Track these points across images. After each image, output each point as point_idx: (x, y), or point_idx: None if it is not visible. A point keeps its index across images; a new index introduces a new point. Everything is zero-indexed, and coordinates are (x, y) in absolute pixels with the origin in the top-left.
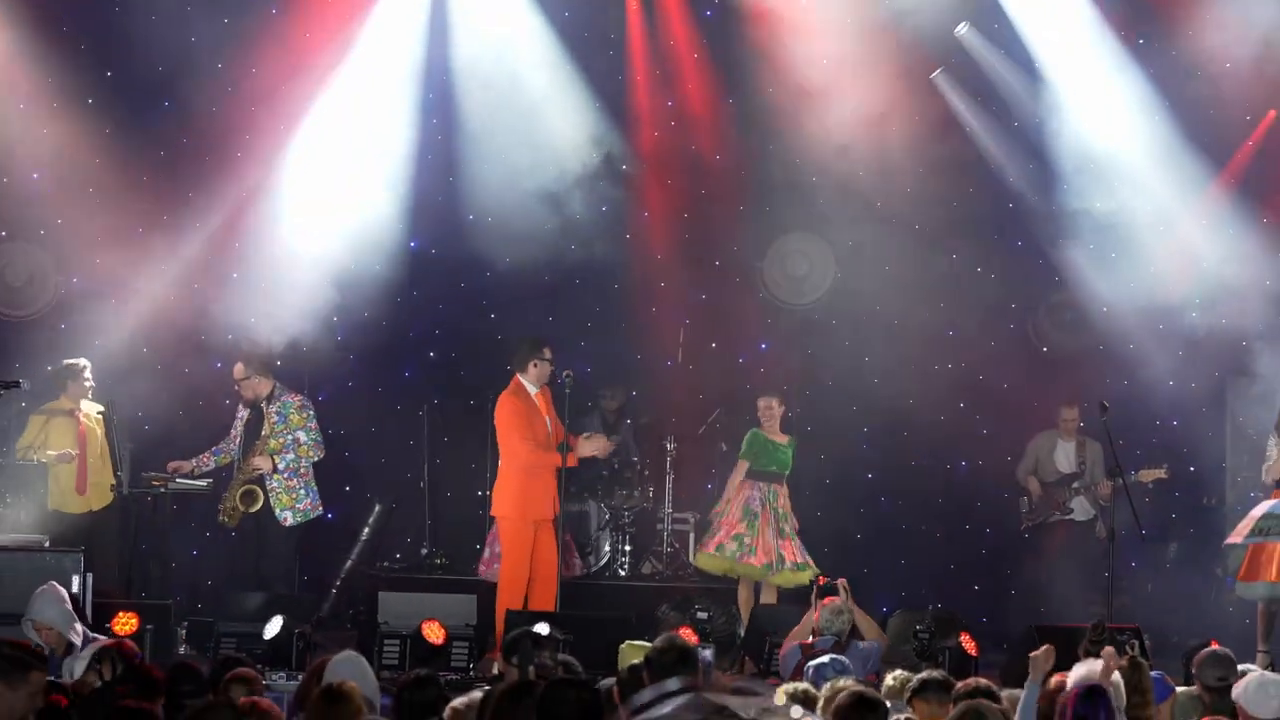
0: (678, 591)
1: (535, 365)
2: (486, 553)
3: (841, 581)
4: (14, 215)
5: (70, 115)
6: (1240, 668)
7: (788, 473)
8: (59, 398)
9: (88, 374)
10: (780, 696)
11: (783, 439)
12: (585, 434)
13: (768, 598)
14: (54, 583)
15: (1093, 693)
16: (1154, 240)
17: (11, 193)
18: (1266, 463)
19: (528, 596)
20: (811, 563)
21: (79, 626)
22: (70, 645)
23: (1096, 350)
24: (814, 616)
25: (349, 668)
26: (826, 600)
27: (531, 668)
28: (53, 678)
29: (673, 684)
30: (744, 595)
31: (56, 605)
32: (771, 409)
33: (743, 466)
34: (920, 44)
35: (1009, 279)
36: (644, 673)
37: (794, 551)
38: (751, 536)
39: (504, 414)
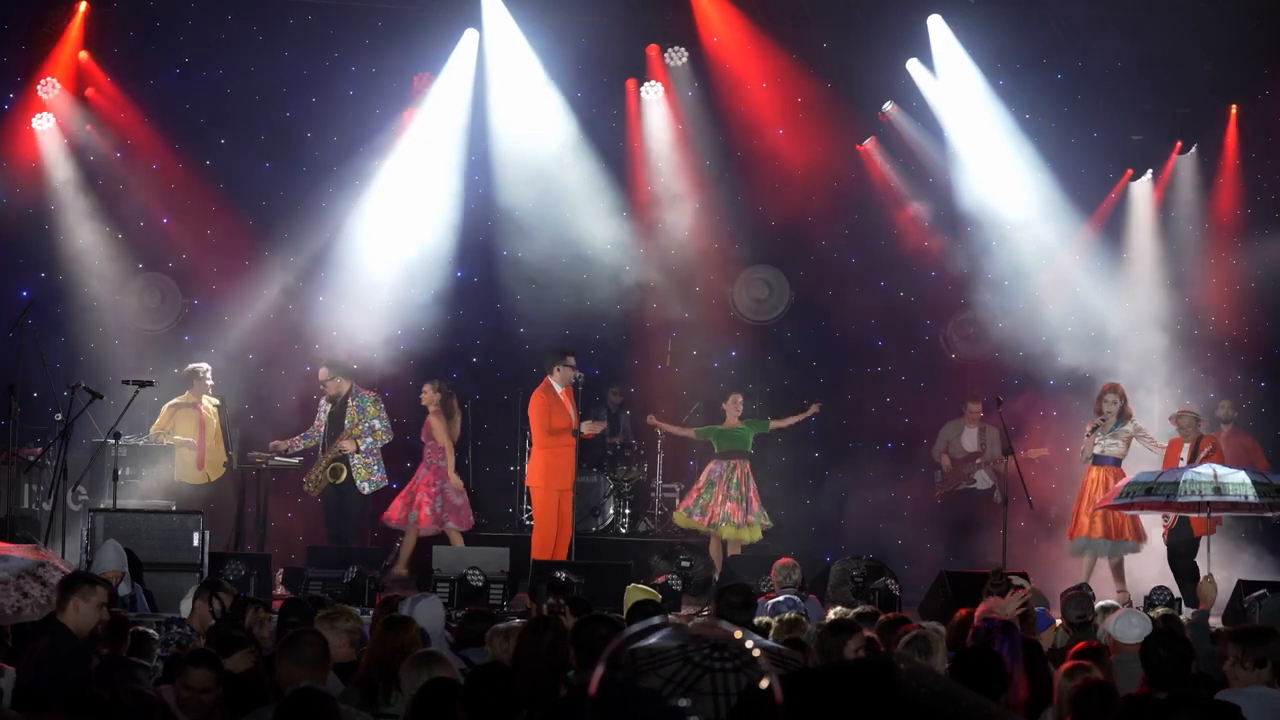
0: (666, 545)
1: (559, 369)
2: (400, 505)
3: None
4: (149, 251)
5: (192, 174)
6: (1105, 603)
7: (748, 448)
8: (184, 393)
9: (209, 377)
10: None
11: (738, 425)
12: (586, 420)
13: (732, 550)
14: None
15: (1008, 627)
16: (1038, 270)
17: (147, 234)
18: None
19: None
20: (754, 523)
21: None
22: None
23: (993, 356)
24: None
25: (429, 607)
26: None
27: (546, 605)
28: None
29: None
30: (714, 547)
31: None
32: (738, 403)
33: (690, 432)
34: (855, 118)
35: (925, 301)
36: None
37: (740, 514)
38: (706, 501)
39: (531, 408)
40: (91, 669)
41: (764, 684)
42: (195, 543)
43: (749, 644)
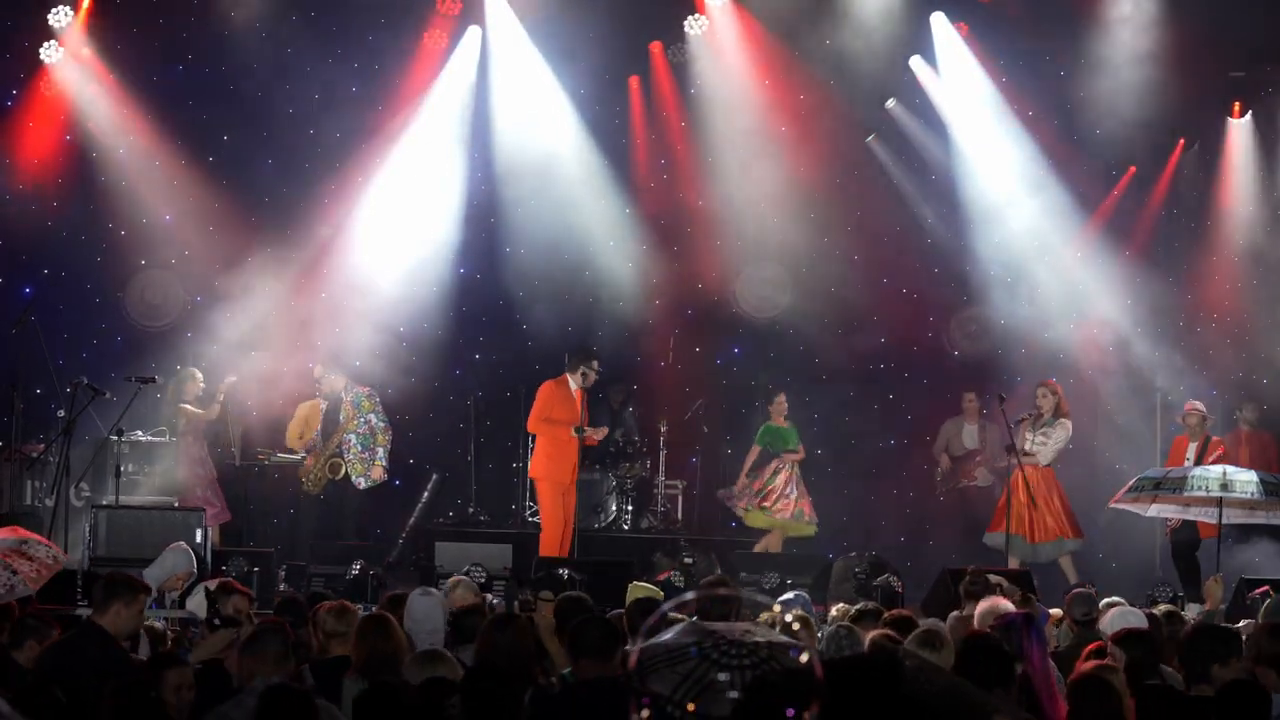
0: (669, 542)
1: (582, 371)
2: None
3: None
4: (152, 248)
5: (195, 170)
6: (1105, 601)
7: (791, 448)
8: (313, 398)
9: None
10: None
11: (785, 424)
12: (591, 427)
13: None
14: (183, 542)
15: (1029, 619)
16: (1040, 267)
17: (150, 230)
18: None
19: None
20: (802, 520)
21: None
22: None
23: (995, 354)
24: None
25: (426, 602)
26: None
27: (516, 602)
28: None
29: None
30: (773, 540)
31: (188, 561)
32: (782, 403)
33: (755, 449)
34: (858, 115)
35: (928, 298)
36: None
37: (791, 509)
38: (759, 497)
39: (538, 394)
40: (129, 672)
41: (804, 658)
42: (197, 539)
43: (760, 636)
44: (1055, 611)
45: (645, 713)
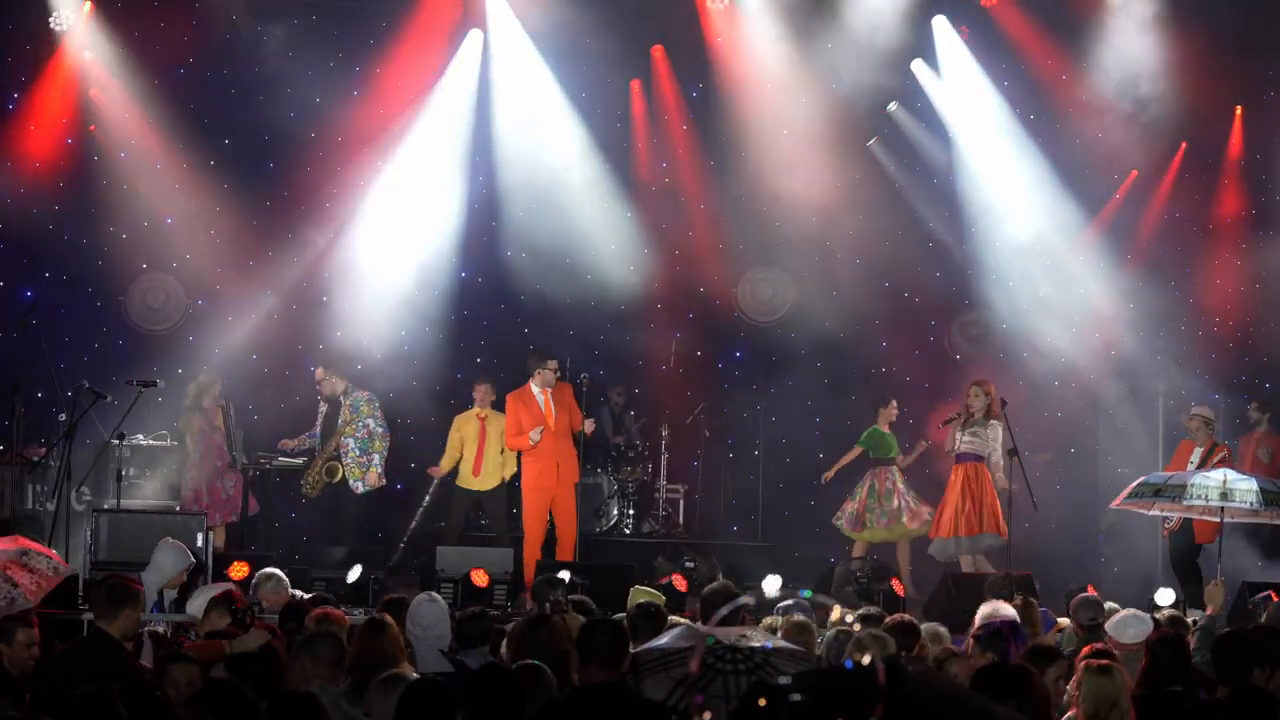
0: (670, 546)
1: (539, 373)
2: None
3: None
4: (153, 251)
5: (196, 174)
6: (1108, 605)
7: (894, 455)
8: (473, 407)
9: (491, 392)
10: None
11: (889, 431)
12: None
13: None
14: (171, 538)
15: (1014, 626)
16: (1042, 272)
17: (151, 234)
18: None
19: (556, 548)
20: (909, 522)
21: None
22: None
23: (998, 357)
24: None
25: (432, 608)
26: None
27: (547, 604)
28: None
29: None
30: (901, 552)
31: (185, 559)
32: (893, 409)
33: (856, 450)
34: (859, 118)
35: (929, 302)
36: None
37: (892, 520)
38: (857, 509)
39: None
40: (140, 678)
41: (866, 660)
42: (199, 542)
43: (756, 641)
44: (1063, 621)
45: (707, 714)
